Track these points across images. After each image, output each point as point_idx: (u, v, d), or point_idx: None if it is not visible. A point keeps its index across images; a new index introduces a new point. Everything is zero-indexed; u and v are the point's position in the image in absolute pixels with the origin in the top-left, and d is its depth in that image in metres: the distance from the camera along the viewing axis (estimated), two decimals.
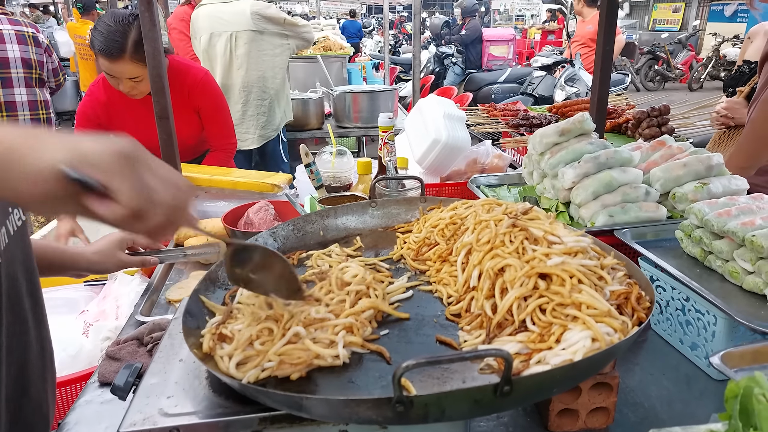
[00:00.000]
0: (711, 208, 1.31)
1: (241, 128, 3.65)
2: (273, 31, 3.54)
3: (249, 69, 3.55)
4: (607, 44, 1.97)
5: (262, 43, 3.53)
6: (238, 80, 3.57)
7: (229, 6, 3.49)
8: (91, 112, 2.65)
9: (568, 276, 0.88)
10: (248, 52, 3.51)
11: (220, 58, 3.55)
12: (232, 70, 3.56)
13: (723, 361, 0.95)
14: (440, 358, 0.66)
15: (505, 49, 10.23)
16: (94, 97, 2.66)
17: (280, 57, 3.66)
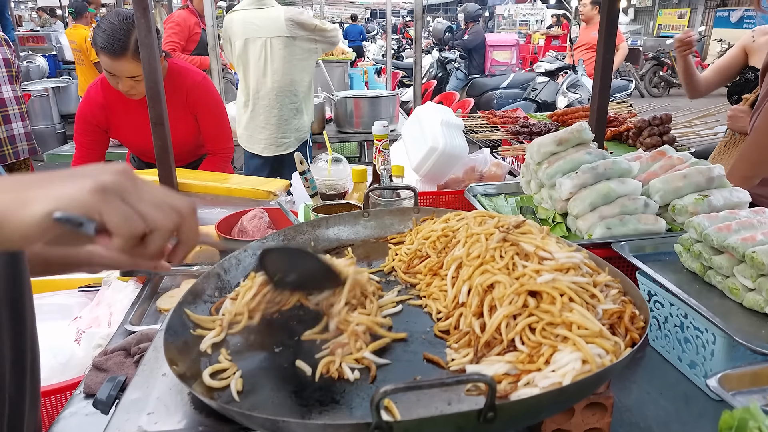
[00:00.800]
0: (711, 222, 1.28)
1: (278, 133, 3.70)
2: (304, 37, 3.59)
3: (283, 74, 3.59)
4: (607, 52, 1.94)
5: (294, 48, 3.58)
6: (272, 85, 3.60)
7: (263, 12, 3.52)
8: (89, 115, 2.66)
9: (558, 294, 0.86)
10: (282, 57, 3.55)
11: (253, 64, 3.58)
12: (266, 75, 3.59)
13: (720, 384, 0.92)
14: (420, 383, 0.64)
15: (508, 55, 10.22)
16: (92, 99, 2.67)
17: (308, 61, 3.71)
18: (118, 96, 2.65)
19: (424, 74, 9.96)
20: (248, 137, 3.75)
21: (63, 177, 0.68)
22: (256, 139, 3.72)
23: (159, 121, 1.89)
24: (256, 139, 3.72)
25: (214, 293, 1.12)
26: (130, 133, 2.79)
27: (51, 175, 0.69)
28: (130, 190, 0.70)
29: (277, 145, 3.72)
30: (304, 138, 3.87)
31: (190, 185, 2.06)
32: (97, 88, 2.69)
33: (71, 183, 0.66)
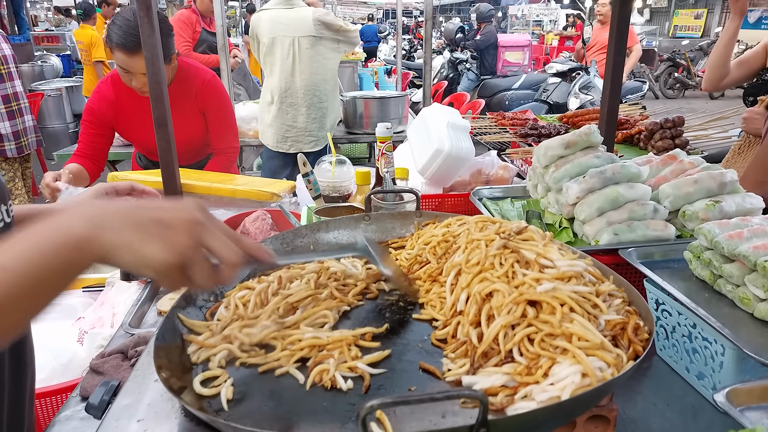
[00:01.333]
0: (722, 229, 1.24)
1: (305, 131, 3.74)
2: (329, 37, 3.62)
3: (310, 73, 3.62)
4: (618, 53, 1.90)
5: (320, 48, 3.61)
6: (300, 84, 3.63)
7: (291, 11, 3.55)
8: (97, 108, 2.69)
9: (558, 304, 0.83)
10: (310, 56, 3.59)
11: (280, 63, 3.60)
12: (294, 74, 3.62)
13: (728, 399, 0.89)
14: (408, 398, 0.61)
15: (520, 55, 10.14)
16: (102, 94, 2.70)
17: (333, 61, 3.75)
18: (128, 93, 2.66)
19: (435, 75, 9.91)
20: (272, 135, 3.77)
21: (155, 229, 0.73)
22: (282, 137, 3.74)
23: (162, 122, 1.88)
24: (282, 137, 3.74)
25: (209, 298, 1.10)
26: (139, 131, 2.81)
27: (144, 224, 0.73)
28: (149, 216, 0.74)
29: (304, 143, 3.74)
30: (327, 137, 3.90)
31: (193, 186, 2.05)
32: (108, 84, 2.71)
33: (159, 243, 0.72)
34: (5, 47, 4.40)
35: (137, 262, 0.72)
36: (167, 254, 0.72)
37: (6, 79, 4.37)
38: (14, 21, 11.30)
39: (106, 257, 0.71)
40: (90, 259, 0.70)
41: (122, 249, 0.71)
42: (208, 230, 0.77)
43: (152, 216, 0.74)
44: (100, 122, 2.74)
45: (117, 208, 0.74)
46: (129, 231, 0.71)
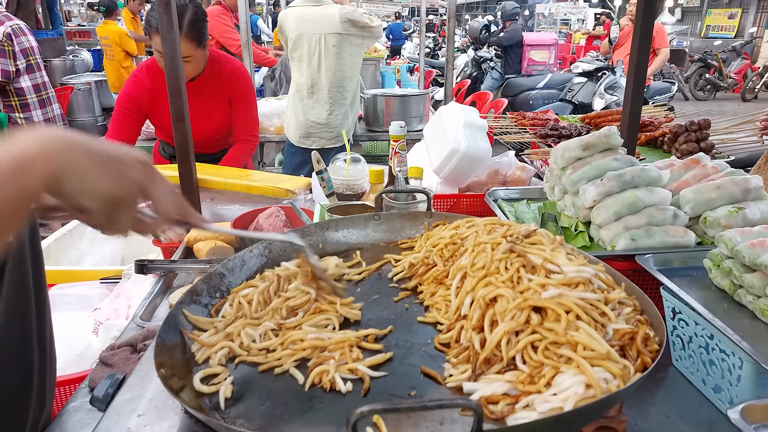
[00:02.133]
0: (743, 237, 1.20)
1: (329, 128, 3.76)
2: (354, 33, 3.64)
3: (336, 70, 3.65)
4: (642, 53, 1.85)
5: (345, 45, 3.63)
6: (326, 80, 3.66)
7: (318, 8, 3.57)
8: (135, 95, 2.74)
9: (564, 311, 0.80)
10: (336, 54, 3.60)
11: (307, 59, 3.63)
12: (320, 71, 3.64)
13: (743, 416, 0.85)
14: (399, 406, 0.60)
15: (546, 54, 10.00)
16: (139, 81, 2.76)
17: (357, 57, 3.76)
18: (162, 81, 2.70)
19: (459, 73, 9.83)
20: (296, 131, 3.79)
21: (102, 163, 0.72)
22: (305, 133, 3.77)
23: (180, 117, 1.90)
24: (305, 133, 3.77)
25: (215, 294, 1.10)
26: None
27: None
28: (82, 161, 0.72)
29: (327, 139, 3.76)
30: (350, 133, 3.94)
31: (210, 181, 2.06)
32: (143, 73, 2.76)
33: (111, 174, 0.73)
34: (31, 39, 4.52)
35: (82, 189, 0.71)
36: (115, 186, 0.72)
37: (36, 69, 4.49)
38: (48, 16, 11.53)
39: (54, 182, 0.69)
40: (39, 182, 0.67)
41: (71, 173, 0.69)
42: (156, 177, 0.79)
43: (107, 148, 0.74)
44: (136, 108, 2.78)
45: (71, 135, 0.73)
46: (81, 157, 0.70)
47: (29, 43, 4.43)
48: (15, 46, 4.33)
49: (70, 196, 0.71)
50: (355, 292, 1.15)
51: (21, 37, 4.40)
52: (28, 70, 4.44)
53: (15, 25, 4.40)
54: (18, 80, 4.39)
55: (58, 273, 2.14)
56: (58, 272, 2.15)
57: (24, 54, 4.40)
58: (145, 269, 1.67)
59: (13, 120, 4.40)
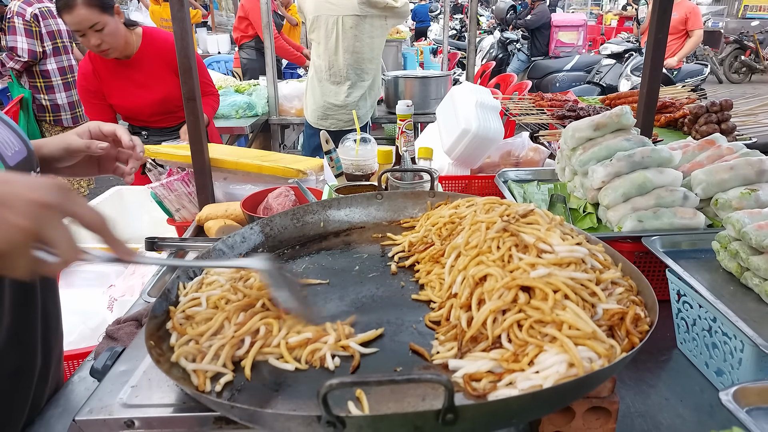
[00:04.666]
0: (752, 218, 1.16)
1: (346, 109, 3.77)
2: (374, 14, 3.61)
3: (354, 51, 3.63)
4: (659, 32, 1.80)
5: (364, 26, 3.60)
6: (343, 62, 3.65)
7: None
8: (89, 85, 2.93)
9: (551, 290, 0.79)
10: (354, 35, 3.59)
11: (324, 41, 3.62)
12: (338, 53, 3.64)
13: (736, 398, 0.83)
14: (368, 379, 0.60)
15: (574, 36, 9.76)
16: (85, 71, 2.92)
17: (379, 39, 3.73)
18: (102, 62, 2.88)
19: (485, 55, 9.68)
20: (314, 112, 3.80)
21: None
22: (323, 114, 3.77)
23: (191, 96, 1.91)
24: (323, 114, 3.77)
25: None
26: (121, 97, 3.00)
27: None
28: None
29: (344, 121, 3.76)
30: (368, 115, 3.94)
31: (222, 161, 2.08)
32: (86, 61, 2.92)
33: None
34: (61, 22, 4.59)
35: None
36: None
37: (62, 52, 4.58)
38: None
39: None
40: None
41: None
42: (53, 218, 0.68)
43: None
44: (96, 96, 2.94)
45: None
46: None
47: (57, 26, 4.51)
48: (42, 28, 4.41)
49: None
50: (353, 269, 1.15)
51: (49, 19, 4.48)
52: (55, 52, 4.52)
53: (45, 7, 4.48)
54: (44, 62, 4.48)
55: None
56: None
57: (51, 36, 4.48)
58: (156, 246, 1.69)
59: (38, 101, 4.50)
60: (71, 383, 1.22)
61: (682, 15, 6.27)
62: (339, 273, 1.14)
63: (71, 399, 1.16)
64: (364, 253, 1.22)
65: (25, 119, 4.44)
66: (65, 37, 4.58)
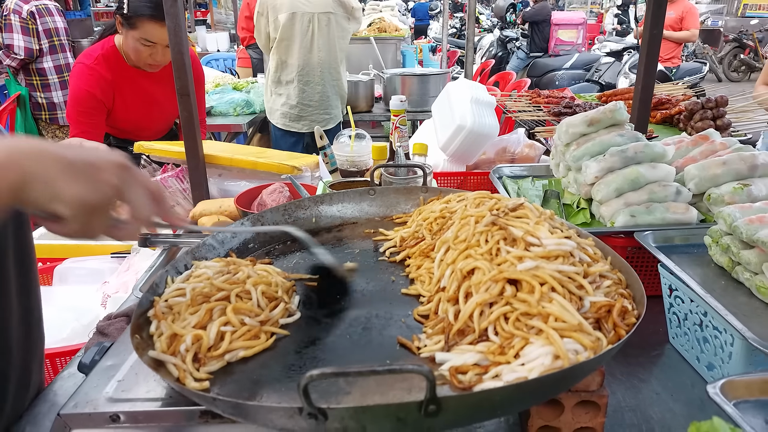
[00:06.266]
0: (743, 212, 1.16)
1: (320, 109, 3.76)
2: (342, 15, 3.65)
3: (328, 50, 3.64)
4: (654, 27, 1.79)
5: (335, 25, 3.63)
6: (317, 61, 3.65)
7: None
8: (98, 92, 2.54)
9: (538, 283, 0.79)
10: (327, 34, 3.60)
11: (300, 38, 3.59)
12: (312, 51, 3.63)
13: (723, 391, 0.83)
14: (348, 371, 0.60)
15: (574, 34, 9.75)
16: (100, 76, 2.55)
17: (344, 40, 3.76)
18: (126, 72, 2.62)
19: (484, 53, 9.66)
20: (284, 114, 3.75)
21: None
22: (296, 116, 3.73)
23: (185, 92, 1.91)
24: (296, 116, 3.73)
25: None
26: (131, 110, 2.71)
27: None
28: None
29: (319, 122, 3.72)
30: (340, 114, 3.92)
31: (216, 157, 2.08)
32: (101, 65, 2.56)
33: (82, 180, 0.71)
34: (59, 20, 4.59)
35: (52, 196, 0.69)
36: (89, 192, 0.70)
37: (59, 50, 4.57)
38: None
39: (19, 190, 0.68)
40: (3, 190, 0.67)
41: (37, 181, 0.68)
42: (133, 181, 0.76)
43: (81, 155, 0.72)
44: (100, 106, 2.57)
45: (42, 144, 0.72)
46: (50, 164, 0.69)
47: (54, 23, 4.50)
48: (39, 26, 4.41)
49: (38, 204, 0.70)
50: (345, 261, 1.15)
51: (46, 17, 4.47)
52: (51, 50, 4.52)
53: (41, 4, 4.48)
54: (41, 60, 4.47)
55: (70, 247, 2.19)
56: (70, 246, 2.20)
57: (47, 34, 4.48)
58: (149, 242, 1.69)
59: (34, 99, 4.49)
60: (60, 379, 1.22)
61: (679, 14, 6.27)
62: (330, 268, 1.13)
63: (60, 395, 1.16)
64: (355, 249, 1.22)
65: (22, 117, 4.44)
66: (62, 35, 4.58)
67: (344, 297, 1.02)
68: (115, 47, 2.62)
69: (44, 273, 2.09)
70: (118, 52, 2.62)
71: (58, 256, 2.15)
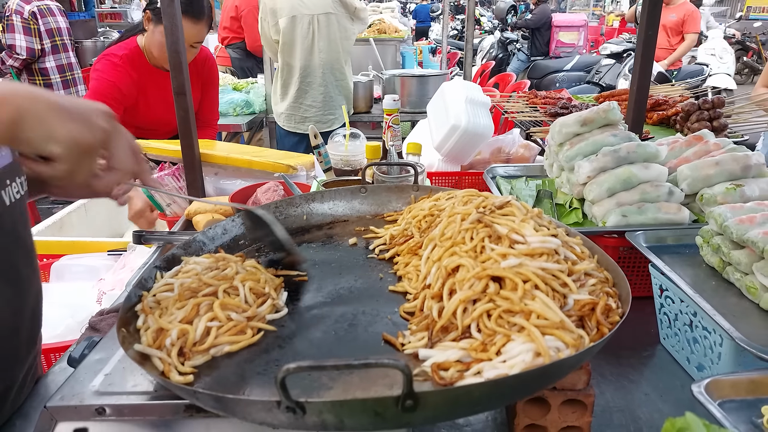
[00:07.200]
0: (734, 212, 1.16)
1: (324, 110, 3.76)
2: (344, 15, 3.65)
3: (329, 52, 3.64)
4: (649, 28, 1.79)
5: (337, 26, 3.63)
6: (319, 62, 3.64)
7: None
8: (123, 87, 2.58)
9: (521, 280, 0.79)
10: (328, 35, 3.60)
11: (300, 41, 3.59)
12: (313, 52, 3.63)
13: (708, 391, 0.83)
14: (324, 364, 0.60)
15: (575, 36, 9.75)
16: (125, 72, 2.58)
17: (347, 41, 3.76)
18: (149, 72, 2.67)
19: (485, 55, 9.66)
20: (289, 116, 3.76)
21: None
22: (300, 117, 3.74)
23: (181, 91, 1.91)
24: (300, 117, 3.74)
25: None
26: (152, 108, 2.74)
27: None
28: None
29: (323, 123, 3.73)
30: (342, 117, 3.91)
31: (212, 156, 2.08)
32: (126, 63, 2.58)
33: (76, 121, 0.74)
34: (61, 20, 4.61)
35: (47, 135, 0.72)
36: (83, 131, 0.74)
37: (61, 50, 4.59)
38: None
39: (14, 127, 0.71)
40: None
41: (32, 119, 0.71)
42: (120, 131, 0.81)
43: (72, 100, 0.76)
44: (122, 100, 2.59)
45: (37, 88, 0.74)
46: (44, 105, 0.72)
47: (56, 23, 4.52)
48: (40, 26, 4.42)
49: (32, 142, 0.73)
50: (334, 258, 1.16)
51: (48, 17, 4.49)
52: (53, 50, 4.53)
53: (43, 5, 4.49)
54: (43, 60, 4.49)
55: (67, 244, 2.20)
56: (67, 243, 2.20)
57: (49, 34, 4.49)
58: (143, 239, 1.69)
59: None
60: (51, 373, 1.22)
61: (681, 17, 6.27)
62: (319, 265, 1.13)
63: (51, 389, 1.16)
64: (345, 246, 1.22)
65: None
66: (65, 35, 4.60)
67: (332, 294, 1.02)
68: (138, 47, 2.67)
69: (41, 270, 2.09)
70: (141, 52, 2.67)
71: (55, 252, 2.16)
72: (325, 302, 0.99)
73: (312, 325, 0.93)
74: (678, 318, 1.17)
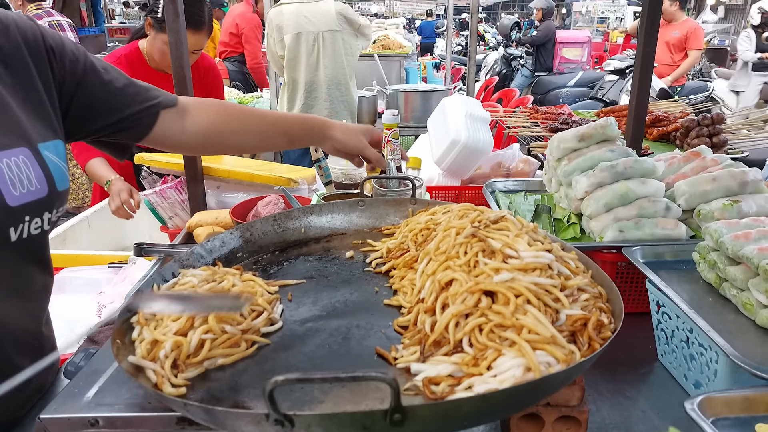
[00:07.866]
0: (730, 228, 1.16)
1: None
2: (348, 32, 3.69)
3: (334, 68, 3.68)
4: (647, 45, 1.81)
5: (341, 42, 3.67)
6: (323, 78, 3.68)
7: (313, 5, 3.59)
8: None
9: (513, 295, 0.79)
10: (333, 51, 3.64)
11: (305, 57, 3.63)
12: (318, 69, 3.67)
13: (701, 408, 0.83)
14: (311, 377, 0.60)
15: (579, 52, 9.79)
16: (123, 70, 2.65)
17: (352, 57, 3.80)
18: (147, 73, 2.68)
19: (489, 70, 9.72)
20: None
21: None
22: None
23: None
24: None
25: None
26: None
27: None
28: None
29: None
30: None
31: (214, 169, 2.10)
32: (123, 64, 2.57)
33: None
34: (71, 36, 4.67)
35: None
36: None
37: None
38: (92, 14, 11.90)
39: None
40: None
41: None
42: None
43: None
44: None
45: None
46: None
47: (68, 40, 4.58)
48: None
49: None
50: (330, 271, 1.16)
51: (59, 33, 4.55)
52: None
53: (55, 21, 4.56)
54: None
55: (68, 257, 2.21)
56: (69, 256, 2.22)
57: None
58: (144, 252, 1.70)
59: None
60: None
61: (684, 33, 6.30)
62: (316, 278, 1.14)
63: (48, 401, 1.16)
64: (342, 259, 1.23)
65: None
66: None
67: (327, 307, 1.02)
68: (139, 50, 2.70)
69: None
70: (142, 54, 2.69)
71: (56, 265, 2.17)
72: (320, 315, 0.99)
73: (306, 338, 0.93)
74: (675, 334, 1.17)
